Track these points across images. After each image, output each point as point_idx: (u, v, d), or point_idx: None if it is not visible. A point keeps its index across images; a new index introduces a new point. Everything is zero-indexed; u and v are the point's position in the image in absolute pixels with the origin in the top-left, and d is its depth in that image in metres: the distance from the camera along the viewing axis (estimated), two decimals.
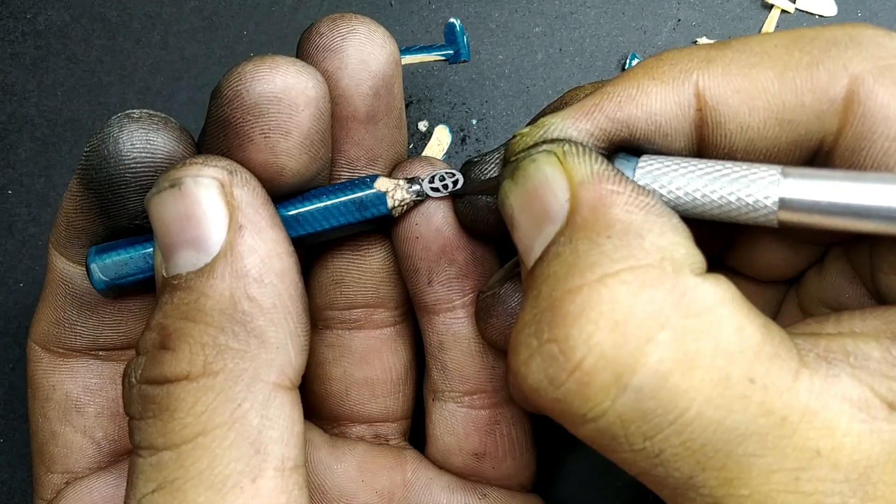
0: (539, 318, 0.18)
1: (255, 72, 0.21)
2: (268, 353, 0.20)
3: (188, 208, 0.20)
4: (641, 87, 0.21)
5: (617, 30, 0.33)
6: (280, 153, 0.22)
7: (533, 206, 0.20)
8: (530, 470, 0.28)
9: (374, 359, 0.27)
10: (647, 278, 0.17)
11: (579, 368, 0.17)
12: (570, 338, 0.17)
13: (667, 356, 0.16)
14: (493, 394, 0.27)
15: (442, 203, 0.26)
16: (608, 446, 0.18)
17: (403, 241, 0.26)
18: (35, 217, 0.33)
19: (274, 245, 0.20)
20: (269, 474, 0.19)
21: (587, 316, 0.17)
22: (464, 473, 0.28)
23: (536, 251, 0.19)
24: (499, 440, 0.27)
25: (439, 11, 0.34)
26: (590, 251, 0.18)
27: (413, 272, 0.26)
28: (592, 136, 0.21)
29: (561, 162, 0.19)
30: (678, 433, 0.17)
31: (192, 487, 0.18)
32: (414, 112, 0.33)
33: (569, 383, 0.17)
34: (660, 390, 0.16)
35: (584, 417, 0.17)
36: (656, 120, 0.20)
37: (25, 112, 0.33)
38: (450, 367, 0.27)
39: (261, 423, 0.19)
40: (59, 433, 0.25)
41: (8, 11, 0.34)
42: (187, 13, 0.34)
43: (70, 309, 0.25)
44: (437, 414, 0.28)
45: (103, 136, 0.22)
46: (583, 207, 0.18)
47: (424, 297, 0.26)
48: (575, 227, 0.18)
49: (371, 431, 0.28)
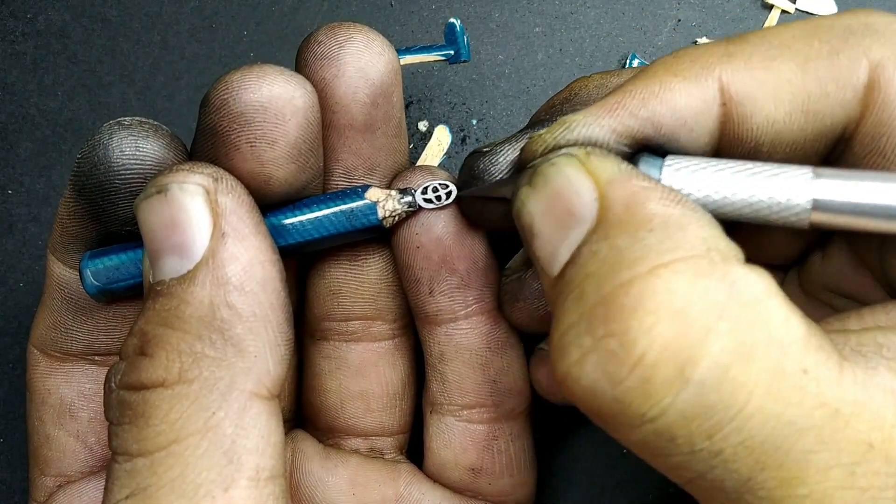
0: (589, 315, 0.17)
1: (242, 81, 0.21)
2: (245, 361, 0.20)
3: (173, 214, 0.20)
4: (664, 84, 0.20)
5: (617, 30, 0.33)
6: (267, 162, 0.22)
7: (556, 209, 0.19)
8: (528, 488, 0.28)
9: (371, 372, 0.27)
10: (699, 268, 0.17)
11: (641, 362, 0.16)
12: (631, 329, 0.16)
13: (727, 347, 0.16)
14: (492, 408, 0.27)
15: (442, 212, 0.25)
16: (663, 450, 0.17)
17: (404, 250, 0.26)
18: (35, 217, 0.33)
19: (256, 253, 0.20)
20: (242, 484, 0.19)
21: (645, 307, 0.16)
22: (460, 489, 0.27)
23: (563, 255, 0.19)
24: (496, 456, 0.27)
25: (439, 11, 0.34)
26: (633, 245, 0.17)
27: (414, 282, 0.26)
28: (616, 134, 0.20)
29: (583, 164, 0.19)
30: (738, 430, 0.16)
31: (163, 495, 0.18)
32: (414, 112, 0.33)
33: (629, 379, 0.16)
34: (721, 383, 0.16)
35: (642, 417, 0.16)
36: (681, 116, 0.20)
37: (25, 112, 0.33)
38: (450, 378, 0.27)
39: (235, 432, 0.19)
40: (52, 437, 0.25)
41: (8, 11, 0.34)
42: (187, 13, 0.34)
43: (66, 313, 0.25)
44: (435, 427, 0.27)
45: (94, 144, 0.22)
46: (615, 205, 0.18)
47: (426, 308, 0.26)
48: (609, 225, 0.18)
49: (366, 445, 0.28)
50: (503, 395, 0.27)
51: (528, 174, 0.20)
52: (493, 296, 0.27)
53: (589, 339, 0.17)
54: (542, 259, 0.19)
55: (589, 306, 0.17)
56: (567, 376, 0.17)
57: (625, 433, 0.17)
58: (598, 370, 0.17)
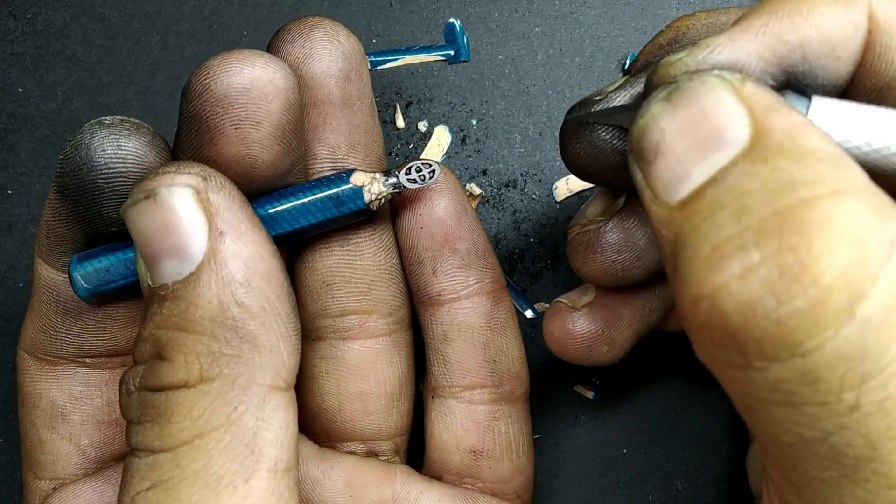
0: (758, 228, 0.16)
1: (222, 65, 0.21)
2: (261, 356, 0.20)
3: (166, 218, 0.20)
4: (813, 6, 0.19)
5: (617, 30, 0.33)
6: (252, 144, 0.22)
7: (698, 129, 0.18)
8: (526, 476, 0.28)
9: (369, 371, 0.27)
10: (876, 204, 0.16)
11: (816, 283, 0.15)
12: (814, 246, 0.15)
13: (893, 289, 0.15)
14: (492, 389, 0.27)
15: (444, 193, 0.26)
16: (798, 395, 0.15)
17: (409, 232, 0.26)
18: (35, 217, 0.33)
19: (256, 247, 0.20)
20: (261, 475, 0.19)
21: (831, 226, 0.15)
22: (461, 473, 0.28)
23: (697, 178, 0.17)
24: (496, 437, 0.27)
25: (439, 11, 0.34)
26: (805, 170, 0.16)
27: (417, 264, 0.27)
28: (762, 60, 0.19)
29: (737, 89, 0.18)
30: (883, 385, 0.15)
31: (186, 486, 0.19)
32: (414, 112, 0.33)
33: (800, 299, 0.15)
34: (881, 327, 0.15)
35: (797, 348, 0.15)
36: (831, 42, 0.19)
37: (25, 112, 0.33)
38: (452, 359, 0.27)
39: (256, 424, 0.19)
40: (45, 440, 0.25)
41: (8, 11, 0.34)
42: (187, 13, 0.34)
43: (55, 316, 0.25)
44: (436, 411, 0.28)
45: (75, 144, 0.22)
46: (775, 132, 0.17)
47: (429, 289, 0.27)
48: (769, 150, 0.17)
49: (364, 448, 0.28)
50: (502, 376, 0.28)
51: (664, 90, 0.19)
52: (493, 277, 0.27)
53: (757, 253, 0.15)
54: (666, 180, 0.18)
55: (757, 219, 0.16)
56: (719, 293, 0.16)
57: (763, 366, 0.16)
58: (765, 286, 0.15)
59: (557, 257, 0.33)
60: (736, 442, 0.32)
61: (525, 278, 0.33)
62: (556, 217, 0.33)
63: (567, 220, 0.33)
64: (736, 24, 0.20)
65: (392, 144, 0.33)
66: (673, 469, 0.32)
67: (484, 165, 0.33)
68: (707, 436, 0.32)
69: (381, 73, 0.33)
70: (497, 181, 0.33)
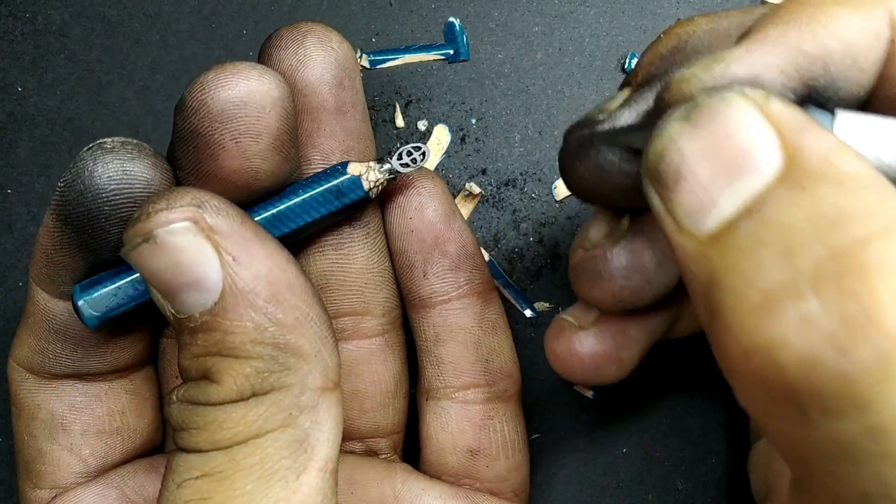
0: (816, 272, 0.14)
1: (216, 80, 0.21)
2: (308, 363, 0.20)
3: (173, 258, 0.19)
4: (832, 14, 0.18)
5: (617, 30, 0.33)
6: (253, 156, 0.22)
7: (723, 152, 0.16)
8: (522, 473, 0.28)
9: (364, 371, 0.27)
10: None
11: (882, 332, 0.13)
12: (877, 292, 0.14)
13: None
14: (485, 388, 0.28)
15: (433, 195, 0.27)
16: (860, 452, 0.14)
17: (399, 237, 0.26)
18: (35, 217, 0.33)
19: (272, 260, 0.20)
20: (312, 473, 0.20)
21: (891, 266, 0.14)
22: (459, 474, 0.28)
23: (725, 207, 0.16)
24: (492, 436, 0.27)
25: (439, 11, 0.34)
26: (849, 199, 0.15)
27: (408, 267, 0.27)
28: (783, 74, 0.18)
29: (761, 107, 0.16)
30: None
31: (241, 477, 0.19)
32: (413, 111, 0.33)
33: (865, 351, 0.14)
34: None
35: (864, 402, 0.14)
36: (853, 52, 0.18)
37: (25, 111, 0.33)
38: (445, 360, 0.27)
39: (310, 426, 0.20)
40: (45, 451, 0.25)
41: (8, 11, 0.34)
42: (187, 13, 0.34)
43: (54, 342, 0.24)
44: (431, 413, 0.28)
45: (77, 170, 0.22)
46: (810, 157, 0.16)
47: (420, 291, 0.27)
48: (807, 176, 0.15)
49: (362, 446, 0.28)
50: (495, 375, 0.28)
51: (683, 109, 0.17)
52: (482, 278, 0.28)
53: (815, 301, 0.14)
54: (688, 208, 0.17)
55: (811, 262, 0.14)
56: (775, 345, 0.15)
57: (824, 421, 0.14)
58: (827, 337, 0.14)
59: (557, 256, 0.33)
60: (736, 442, 0.32)
61: (525, 277, 0.32)
62: (556, 216, 0.33)
63: (567, 220, 0.33)
64: (749, 34, 0.18)
65: (392, 143, 0.33)
66: (673, 469, 0.32)
67: (483, 164, 0.33)
68: (707, 436, 0.32)
69: (380, 72, 0.33)
70: (496, 180, 0.33)
